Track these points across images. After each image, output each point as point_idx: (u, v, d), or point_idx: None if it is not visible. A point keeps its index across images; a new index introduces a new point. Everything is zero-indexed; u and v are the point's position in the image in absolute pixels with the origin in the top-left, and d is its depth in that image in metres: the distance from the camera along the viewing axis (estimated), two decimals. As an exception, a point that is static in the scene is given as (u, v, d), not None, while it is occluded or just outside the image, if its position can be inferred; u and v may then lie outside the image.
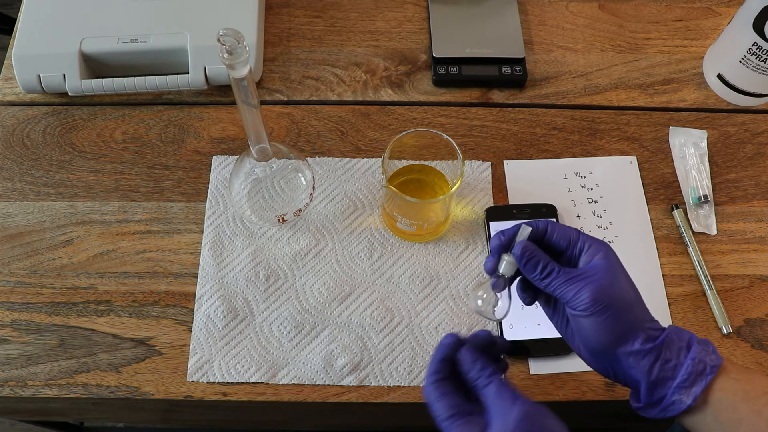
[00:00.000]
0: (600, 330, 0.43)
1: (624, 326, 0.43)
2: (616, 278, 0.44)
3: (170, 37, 0.69)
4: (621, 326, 0.43)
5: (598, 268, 0.44)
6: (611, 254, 0.45)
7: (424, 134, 0.61)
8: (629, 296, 0.44)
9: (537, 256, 0.45)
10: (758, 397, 0.41)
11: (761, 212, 0.68)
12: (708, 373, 0.41)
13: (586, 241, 0.45)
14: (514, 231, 0.47)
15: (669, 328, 0.44)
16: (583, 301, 0.43)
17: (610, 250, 0.45)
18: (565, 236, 0.46)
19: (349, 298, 0.62)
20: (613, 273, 0.44)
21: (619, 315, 0.43)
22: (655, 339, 0.43)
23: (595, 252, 0.45)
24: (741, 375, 0.42)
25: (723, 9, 0.81)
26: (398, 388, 0.59)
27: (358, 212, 0.67)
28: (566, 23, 0.80)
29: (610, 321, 0.43)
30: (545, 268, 0.45)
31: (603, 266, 0.44)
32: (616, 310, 0.43)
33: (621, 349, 0.43)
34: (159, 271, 0.63)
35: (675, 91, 0.75)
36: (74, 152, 0.69)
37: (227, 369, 0.59)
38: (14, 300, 0.62)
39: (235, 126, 0.71)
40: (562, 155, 0.71)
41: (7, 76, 0.74)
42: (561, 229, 0.46)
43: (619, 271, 0.45)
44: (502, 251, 0.47)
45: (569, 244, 0.46)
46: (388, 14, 0.80)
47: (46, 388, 0.58)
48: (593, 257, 0.45)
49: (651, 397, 0.43)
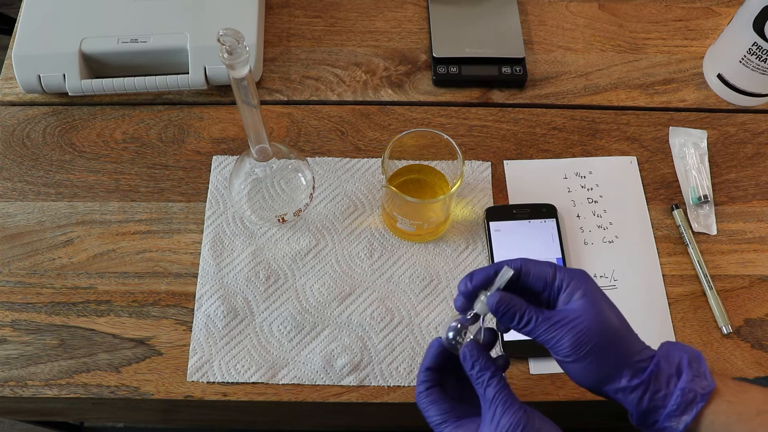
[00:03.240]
0: (585, 373, 0.43)
1: (609, 366, 0.42)
2: (598, 317, 0.42)
3: (170, 37, 0.69)
4: (606, 367, 0.42)
5: (578, 310, 0.42)
6: (591, 290, 0.43)
7: (424, 134, 0.61)
8: (613, 334, 0.42)
9: (513, 307, 0.43)
10: (752, 418, 0.41)
11: (761, 212, 0.68)
12: (698, 401, 0.41)
13: (564, 278, 0.44)
14: (487, 274, 0.45)
15: (659, 352, 0.43)
16: (564, 347, 0.42)
17: (589, 283, 0.44)
18: (541, 276, 0.44)
19: (349, 298, 0.62)
20: (594, 312, 0.42)
21: (602, 357, 0.42)
22: (643, 372, 0.42)
23: (573, 290, 0.43)
24: (734, 396, 0.42)
25: (723, 9, 0.81)
26: (398, 388, 0.59)
27: (358, 212, 0.67)
28: (566, 23, 0.80)
29: (593, 365, 0.42)
30: (522, 317, 0.43)
31: (583, 307, 0.42)
32: (599, 353, 0.42)
33: (607, 387, 0.43)
34: (159, 271, 0.63)
35: (675, 91, 0.75)
36: (74, 152, 0.69)
37: (227, 369, 0.59)
38: (14, 300, 0.62)
39: (235, 126, 0.71)
40: (562, 155, 0.71)
41: (7, 76, 0.74)
42: (536, 268, 0.44)
43: (601, 307, 0.43)
44: (476, 292, 0.45)
45: (546, 283, 0.44)
46: (388, 14, 0.80)
47: (46, 388, 0.58)
48: (572, 296, 0.43)
49: (644, 422, 0.43)
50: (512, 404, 0.42)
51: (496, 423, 0.41)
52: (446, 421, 0.44)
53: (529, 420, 0.41)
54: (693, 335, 0.62)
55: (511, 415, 0.41)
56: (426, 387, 0.45)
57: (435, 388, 0.45)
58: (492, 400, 0.42)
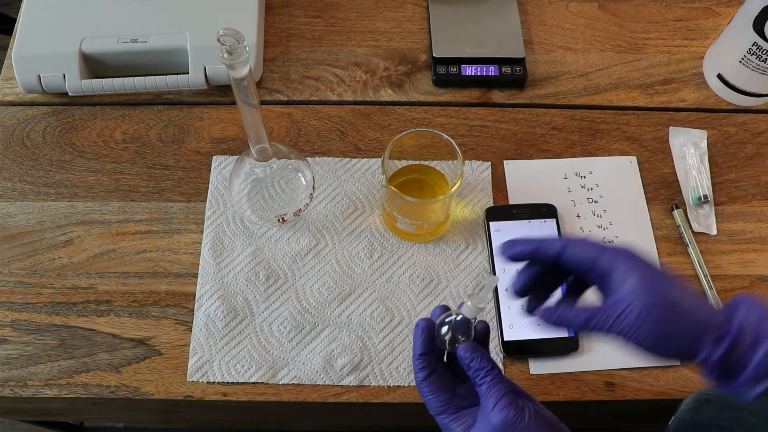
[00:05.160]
0: (656, 357, 0.41)
1: (679, 349, 0.40)
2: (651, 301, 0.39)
3: (170, 37, 0.69)
4: (675, 350, 0.40)
5: (626, 299, 0.39)
6: (643, 267, 0.40)
7: (424, 134, 0.61)
8: (673, 316, 0.39)
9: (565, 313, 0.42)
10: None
11: (761, 212, 0.68)
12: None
13: (609, 257, 0.41)
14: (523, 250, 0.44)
15: (734, 320, 0.39)
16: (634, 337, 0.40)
17: (640, 260, 0.40)
18: (585, 255, 0.42)
19: (349, 298, 0.62)
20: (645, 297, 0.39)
21: (668, 342, 0.39)
22: (716, 348, 0.39)
23: (620, 275, 0.40)
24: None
25: (723, 9, 0.81)
26: (398, 388, 0.59)
27: (358, 212, 0.67)
28: (566, 23, 0.80)
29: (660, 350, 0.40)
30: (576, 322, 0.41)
31: (631, 295, 0.39)
32: (661, 339, 0.39)
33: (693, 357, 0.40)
34: (159, 271, 0.63)
35: (675, 91, 0.75)
36: (74, 152, 0.69)
37: (227, 369, 0.59)
38: (14, 300, 0.62)
39: (235, 126, 0.71)
40: (562, 155, 0.71)
41: (7, 76, 0.74)
42: (578, 247, 0.42)
43: (653, 288, 0.39)
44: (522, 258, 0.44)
45: (592, 263, 0.41)
46: (388, 14, 0.80)
47: (46, 388, 0.58)
48: (620, 283, 0.40)
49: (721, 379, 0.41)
50: (503, 399, 0.42)
51: (486, 418, 0.42)
52: (446, 411, 0.45)
53: (519, 415, 0.42)
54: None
55: (500, 410, 0.42)
56: (425, 375, 0.46)
57: (434, 375, 0.46)
58: (485, 396, 0.43)
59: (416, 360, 0.46)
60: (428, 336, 0.46)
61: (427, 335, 0.46)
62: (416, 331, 0.47)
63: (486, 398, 0.43)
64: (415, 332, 0.47)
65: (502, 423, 0.41)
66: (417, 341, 0.46)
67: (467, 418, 0.44)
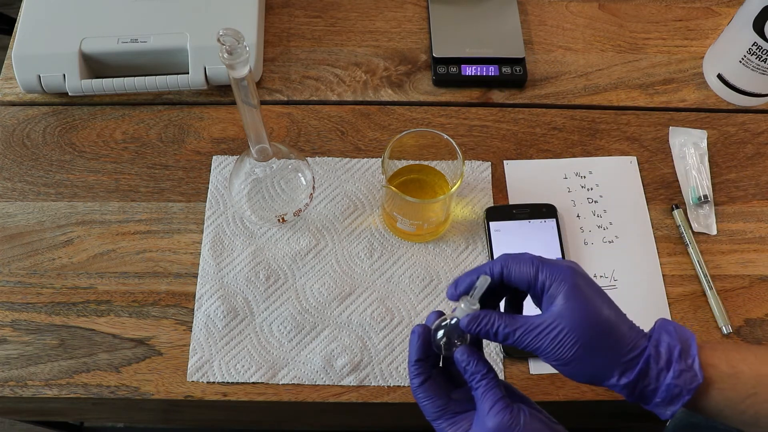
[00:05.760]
0: (573, 374, 0.44)
1: (597, 368, 0.43)
2: (581, 322, 0.42)
3: (170, 37, 0.69)
4: (594, 369, 0.43)
5: (557, 315, 0.42)
6: (573, 291, 0.42)
7: (424, 134, 0.61)
8: (599, 337, 0.42)
9: (486, 325, 0.43)
10: (741, 401, 0.43)
11: (761, 212, 0.68)
12: (684, 395, 0.42)
13: (546, 278, 0.43)
14: (471, 280, 0.45)
15: (650, 342, 0.43)
16: (547, 355, 0.42)
17: (572, 283, 0.42)
18: (523, 276, 0.44)
19: (349, 298, 0.62)
20: (576, 316, 0.42)
21: (588, 361, 0.42)
22: (632, 371, 0.42)
23: (555, 292, 0.42)
24: (725, 383, 0.43)
25: (723, 9, 0.81)
26: (398, 388, 0.59)
27: (358, 212, 0.67)
28: (566, 23, 0.80)
29: (580, 368, 0.43)
30: (497, 335, 0.43)
31: (563, 313, 0.42)
32: (583, 358, 0.42)
33: (599, 383, 0.44)
34: (159, 271, 0.63)
35: (675, 91, 0.75)
36: (74, 152, 0.69)
37: (227, 369, 0.59)
38: (14, 300, 0.62)
39: (235, 126, 0.71)
40: (562, 155, 0.71)
41: (7, 76, 0.74)
42: (518, 269, 0.44)
43: (584, 309, 0.42)
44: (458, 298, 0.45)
45: (529, 284, 0.44)
46: (388, 14, 0.80)
47: (46, 388, 0.58)
48: (554, 299, 0.42)
49: (638, 401, 0.44)
50: (498, 403, 0.43)
51: (482, 422, 0.43)
52: (442, 416, 0.45)
53: (515, 419, 0.42)
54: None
55: (496, 414, 0.42)
56: (420, 381, 0.46)
57: (429, 381, 0.46)
58: (481, 400, 0.43)
59: (412, 366, 0.46)
60: (424, 342, 0.46)
61: (423, 341, 0.46)
62: (412, 338, 0.47)
63: (482, 402, 0.43)
64: (411, 338, 0.47)
65: (497, 427, 0.42)
66: (413, 347, 0.46)
67: (463, 423, 0.44)
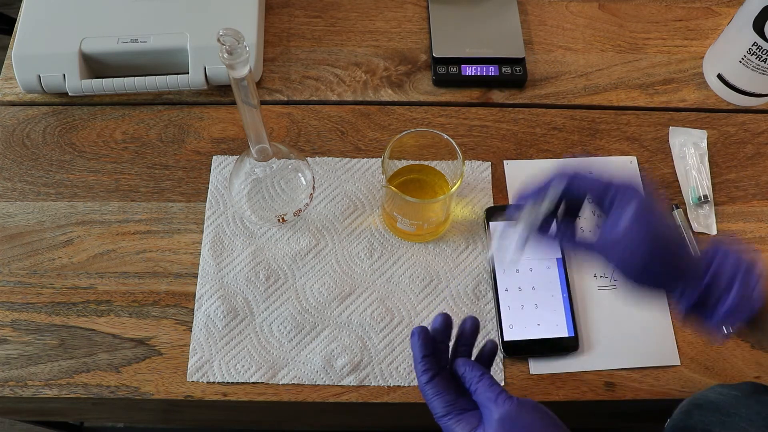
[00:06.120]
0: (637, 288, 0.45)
1: (659, 285, 0.45)
2: (641, 246, 0.42)
3: (170, 37, 0.69)
4: (657, 286, 0.45)
5: (620, 234, 0.43)
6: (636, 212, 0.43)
7: (424, 134, 0.61)
8: (659, 260, 0.43)
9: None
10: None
11: (761, 212, 0.68)
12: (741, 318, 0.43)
13: (614, 196, 0.44)
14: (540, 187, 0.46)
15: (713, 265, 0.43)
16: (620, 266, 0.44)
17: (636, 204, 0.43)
18: (590, 188, 0.45)
19: (349, 298, 0.62)
20: (637, 239, 0.42)
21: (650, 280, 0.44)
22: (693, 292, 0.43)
23: (620, 211, 0.43)
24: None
25: (723, 9, 0.81)
26: (398, 388, 0.59)
27: (358, 212, 0.67)
28: (566, 23, 0.80)
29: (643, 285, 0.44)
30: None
31: (626, 234, 0.43)
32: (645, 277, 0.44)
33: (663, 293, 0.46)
34: (159, 271, 0.63)
35: (675, 91, 0.75)
36: (74, 152, 0.69)
37: (227, 369, 0.59)
38: (14, 300, 0.62)
39: (235, 126, 0.71)
40: (562, 155, 0.71)
41: (7, 76, 0.74)
42: (586, 185, 0.45)
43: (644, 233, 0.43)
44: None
45: (600, 197, 0.45)
46: (388, 14, 0.80)
47: (46, 388, 0.58)
48: (619, 219, 0.43)
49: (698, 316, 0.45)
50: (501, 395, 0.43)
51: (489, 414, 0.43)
52: (450, 413, 0.45)
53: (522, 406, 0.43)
54: (693, 335, 0.62)
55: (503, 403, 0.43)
56: (429, 377, 0.46)
57: (438, 376, 0.46)
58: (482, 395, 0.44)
59: (419, 363, 0.46)
60: (425, 339, 0.46)
61: (425, 338, 0.46)
62: (413, 339, 0.47)
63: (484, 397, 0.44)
64: (412, 340, 0.47)
65: (506, 414, 0.42)
66: (416, 346, 0.47)
67: (472, 420, 0.44)
